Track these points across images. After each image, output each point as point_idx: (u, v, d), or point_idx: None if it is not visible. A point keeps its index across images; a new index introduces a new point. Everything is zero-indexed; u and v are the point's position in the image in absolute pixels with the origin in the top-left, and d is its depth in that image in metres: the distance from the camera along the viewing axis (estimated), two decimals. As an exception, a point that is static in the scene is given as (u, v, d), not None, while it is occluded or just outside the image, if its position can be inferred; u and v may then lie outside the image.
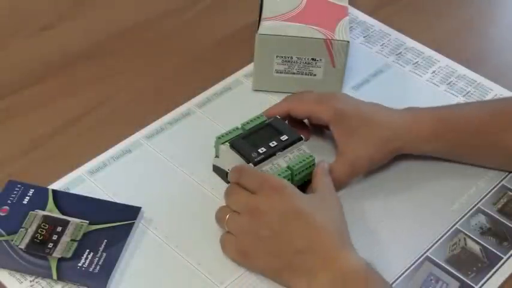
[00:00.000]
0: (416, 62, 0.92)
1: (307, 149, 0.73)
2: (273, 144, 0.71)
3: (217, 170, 0.75)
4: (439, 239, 0.72)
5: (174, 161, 0.78)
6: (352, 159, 0.73)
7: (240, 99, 0.84)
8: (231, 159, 0.71)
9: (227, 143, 0.71)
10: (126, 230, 0.70)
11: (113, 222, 0.70)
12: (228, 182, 0.71)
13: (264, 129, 0.73)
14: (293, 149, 0.72)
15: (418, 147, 0.75)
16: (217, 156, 0.74)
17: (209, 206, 0.73)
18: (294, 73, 0.84)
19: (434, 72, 0.91)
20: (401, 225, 0.73)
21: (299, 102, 0.75)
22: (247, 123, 0.73)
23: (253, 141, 0.71)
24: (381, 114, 0.74)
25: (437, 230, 0.73)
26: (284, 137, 0.72)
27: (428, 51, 0.94)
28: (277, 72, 0.84)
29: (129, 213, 0.71)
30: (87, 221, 0.70)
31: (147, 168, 0.77)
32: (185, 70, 0.90)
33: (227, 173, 0.71)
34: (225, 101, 0.85)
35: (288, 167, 0.71)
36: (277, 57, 0.83)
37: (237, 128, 0.73)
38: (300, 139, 0.73)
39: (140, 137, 0.80)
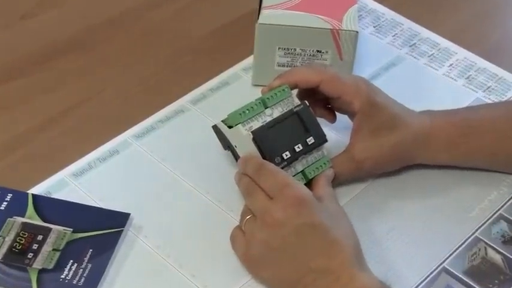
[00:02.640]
0: (432, 54, 0.92)
1: (326, 151, 0.73)
2: (298, 148, 0.70)
3: (220, 135, 0.73)
4: (457, 249, 0.72)
5: (166, 162, 0.78)
6: (361, 159, 0.73)
7: (238, 95, 0.84)
8: (245, 144, 0.70)
9: (249, 131, 0.70)
10: (114, 239, 0.70)
11: (99, 230, 0.70)
12: (225, 148, 0.72)
13: (291, 121, 0.71)
14: (313, 151, 0.72)
15: (434, 157, 0.75)
16: (225, 124, 0.72)
17: (204, 212, 0.73)
18: (296, 66, 0.84)
19: (451, 65, 0.91)
20: (416, 233, 0.73)
21: (333, 78, 0.73)
22: (271, 97, 0.72)
23: (277, 138, 0.70)
24: (405, 117, 0.74)
25: (455, 238, 0.73)
26: (310, 140, 0.71)
27: (444, 43, 0.94)
28: (279, 65, 0.84)
29: (116, 220, 0.71)
30: (71, 229, 0.70)
31: (137, 171, 0.77)
32: (178, 63, 0.90)
33: (230, 145, 0.71)
34: (222, 97, 0.85)
35: (303, 173, 0.71)
36: (279, 49, 0.83)
37: (259, 104, 0.71)
38: (325, 141, 0.72)
39: (129, 137, 0.80)
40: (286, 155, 0.70)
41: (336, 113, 0.78)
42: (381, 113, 0.73)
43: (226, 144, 0.73)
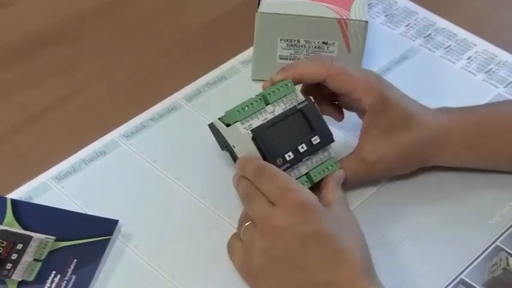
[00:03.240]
0: (449, 46, 0.92)
1: (333, 152, 0.73)
2: (302, 148, 0.70)
3: (217, 134, 0.73)
4: (476, 259, 0.72)
5: (158, 164, 0.78)
6: (372, 161, 0.73)
7: (237, 91, 0.84)
8: (244, 144, 0.70)
9: (248, 130, 0.70)
10: (101, 248, 0.70)
11: (85, 239, 0.70)
12: (222, 149, 0.73)
13: (294, 119, 0.71)
14: (319, 151, 0.72)
15: (451, 158, 0.75)
16: (222, 122, 0.72)
17: (200, 219, 0.73)
18: (300, 59, 0.84)
19: (470, 58, 0.91)
20: (431, 242, 0.73)
21: (341, 72, 0.73)
22: (272, 92, 0.71)
23: (279, 136, 0.70)
24: (420, 114, 0.74)
25: (474, 247, 0.73)
26: (315, 139, 0.71)
27: (463, 33, 0.94)
28: (281, 58, 0.84)
29: (103, 228, 0.71)
30: (54, 237, 0.70)
31: (126, 174, 0.77)
32: (171, 56, 0.90)
33: (228, 145, 0.71)
34: (219, 93, 0.85)
35: (308, 176, 0.71)
36: (281, 40, 0.83)
37: (259, 100, 0.71)
38: (331, 141, 0.72)
39: (117, 136, 0.80)
40: (289, 156, 0.70)
41: (344, 110, 0.78)
42: (393, 111, 0.73)
43: (224, 144, 0.73)
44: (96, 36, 0.91)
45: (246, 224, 0.67)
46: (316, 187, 0.72)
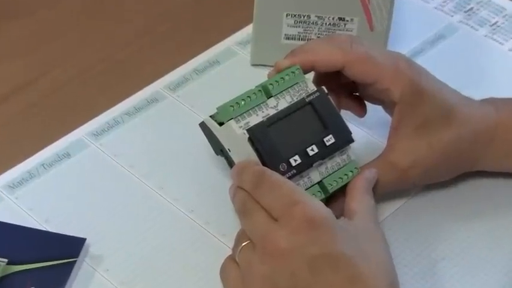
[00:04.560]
0: (495, 23, 0.93)
1: (353, 154, 0.73)
2: (312, 151, 0.70)
3: (209, 135, 0.74)
4: (530, 286, 0.72)
5: (135, 170, 0.78)
6: (405, 166, 0.73)
7: (232, 78, 0.85)
8: (241, 146, 0.70)
9: (244, 130, 0.69)
10: (64, 273, 0.70)
11: (44, 261, 0.70)
12: (217, 153, 0.73)
13: (302, 114, 0.71)
14: (335, 154, 0.72)
15: (500, 161, 0.76)
16: (214, 120, 0.72)
17: (186, 237, 0.73)
18: (312, 39, 0.84)
19: (521, 38, 0.92)
20: (473, 264, 0.73)
21: (363, 58, 0.73)
22: (276, 82, 0.71)
23: (283, 136, 0.70)
24: (462, 107, 0.74)
25: (527, 272, 0.73)
26: (329, 139, 0.71)
27: (512, 7, 0.94)
28: (287, 38, 0.84)
29: (67, 248, 0.71)
30: (5, 260, 0.70)
31: (95, 181, 0.77)
32: (151, 35, 0.90)
33: (223, 148, 0.72)
34: (210, 81, 0.85)
35: (321, 186, 0.71)
36: (287, 16, 0.83)
37: (258, 92, 0.71)
38: (350, 141, 0.72)
39: (84, 135, 0.80)
40: (295, 161, 0.70)
41: (367, 103, 0.78)
42: (428, 103, 0.72)
43: (219, 148, 0.73)
44: (57, 9, 0.92)
45: (243, 244, 0.66)
46: (330, 199, 0.72)
